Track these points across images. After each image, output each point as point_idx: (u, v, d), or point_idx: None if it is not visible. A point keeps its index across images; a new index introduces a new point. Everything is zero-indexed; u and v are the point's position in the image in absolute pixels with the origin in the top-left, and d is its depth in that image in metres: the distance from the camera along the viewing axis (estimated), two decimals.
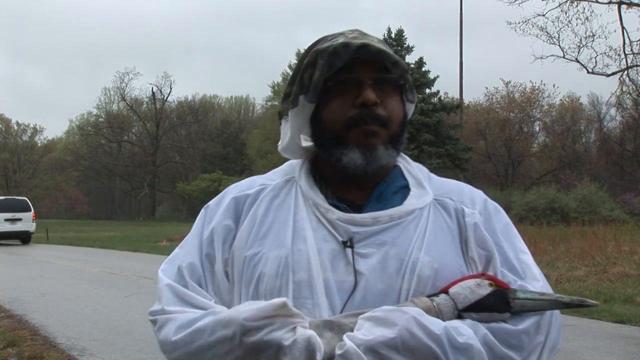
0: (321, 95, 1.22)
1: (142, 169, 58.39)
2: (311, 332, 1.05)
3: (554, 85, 55.37)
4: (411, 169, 1.33)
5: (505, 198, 32.44)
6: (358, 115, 1.19)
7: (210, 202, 1.35)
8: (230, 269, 1.24)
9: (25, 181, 59.47)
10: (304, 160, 1.33)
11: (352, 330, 1.06)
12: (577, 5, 24.99)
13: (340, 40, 1.21)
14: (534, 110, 46.34)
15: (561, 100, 47.51)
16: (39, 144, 63.22)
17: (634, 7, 24.24)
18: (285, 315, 1.06)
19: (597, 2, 24.43)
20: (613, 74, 25.62)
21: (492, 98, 46.81)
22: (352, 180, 1.25)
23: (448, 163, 33.15)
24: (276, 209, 1.26)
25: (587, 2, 24.62)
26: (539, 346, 1.14)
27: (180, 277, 1.24)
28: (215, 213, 1.30)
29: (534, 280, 1.20)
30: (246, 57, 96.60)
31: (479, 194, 1.32)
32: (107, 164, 59.26)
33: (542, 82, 45.76)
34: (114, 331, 7.19)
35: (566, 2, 24.74)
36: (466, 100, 42.09)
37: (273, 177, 1.34)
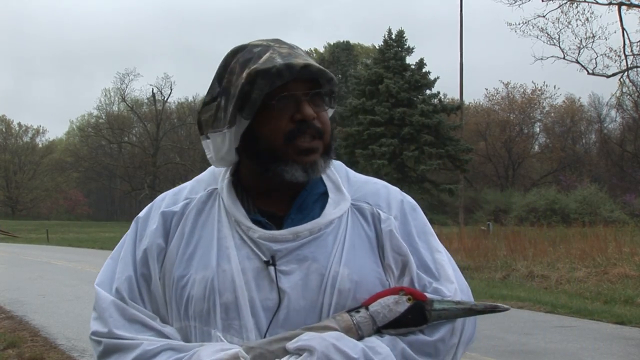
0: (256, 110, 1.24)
1: (142, 170, 58.29)
2: None
3: (555, 87, 55.51)
4: (330, 172, 1.33)
5: (506, 199, 32.50)
6: (297, 129, 1.22)
7: (140, 215, 1.35)
8: (162, 287, 1.26)
9: (26, 182, 59.49)
10: (226, 170, 1.33)
11: (275, 357, 1.11)
12: (577, 7, 24.98)
13: (278, 58, 1.21)
14: (534, 112, 46.38)
15: (563, 101, 47.56)
16: (40, 145, 63.27)
17: (634, 8, 24.25)
18: None
19: (597, 3, 24.45)
20: (613, 75, 25.60)
21: (492, 99, 46.87)
22: (274, 190, 1.27)
23: (448, 164, 33.14)
24: (201, 227, 1.28)
25: (587, 3, 24.64)
26: (453, 347, 1.22)
27: (121, 297, 1.25)
28: (145, 229, 1.31)
29: (448, 282, 1.25)
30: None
31: (395, 195, 1.34)
32: (107, 165, 59.18)
33: (544, 83, 45.82)
34: None
35: (566, 3, 24.74)
36: (466, 101, 42.12)
37: (197, 189, 1.34)
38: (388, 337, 1.16)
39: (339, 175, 1.34)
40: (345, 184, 1.33)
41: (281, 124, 1.22)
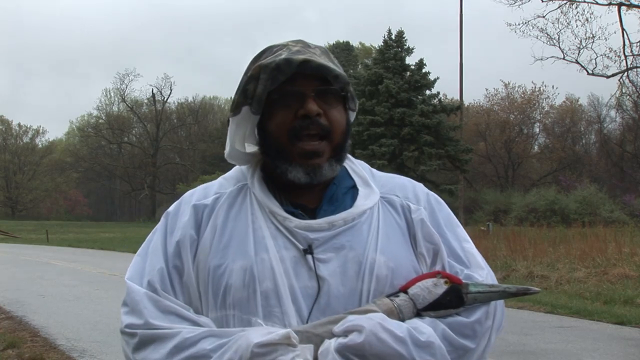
0: (266, 106, 1.27)
1: (142, 171, 58.33)
2: None
3: (553, 87, 55.48)
4: (356, 167, 1.38)
5: (506, 199, 32.48)
6: (300, 125, 1.24)
7: (170, 210, 1.36)
8: (195, 278, 1.27)
9: (26, 182, 59.46)
10: (255, 166, 1.35)
11: (321, 341, 1.14)
12: (576, 7, 24.98)
13: (284, 55, 1.24)
14: (534, 112, 46.35)
15: (563, 102, 47.55)
16: (40, 146, 63.23)
17: (634, 8, 24.25)
18: (288, 344, 1.12)
19: (596, 3, 24.44)
20: (613, 75, 25.59)
21: (492, 99, 46.84)
22: (300, 185, 1.29)
23: (448, 164, 33.13)
24: (234, 218, 1.29)
25: (586, 4, 24.63)
26: (488, 330, 1.25)
27: (153, 289, 1.24)
28: (176, 223, 1.31)
29: (478, 269, 1.30)
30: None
31: (421, 188, 1.40)
32: (107, 165, 59.18)
33: (543, 83, 45.79)
34: (114, 333, 7.18)
35: (566, 3, 24.73)
36: (466, 101, 42.12)
37: (226, 185, 1.36)
38: (428, 319, 1.20)
39: (365, 172, 1.39)
40: (371, 179, 1.37)
41: (286, 120, 1.25)
